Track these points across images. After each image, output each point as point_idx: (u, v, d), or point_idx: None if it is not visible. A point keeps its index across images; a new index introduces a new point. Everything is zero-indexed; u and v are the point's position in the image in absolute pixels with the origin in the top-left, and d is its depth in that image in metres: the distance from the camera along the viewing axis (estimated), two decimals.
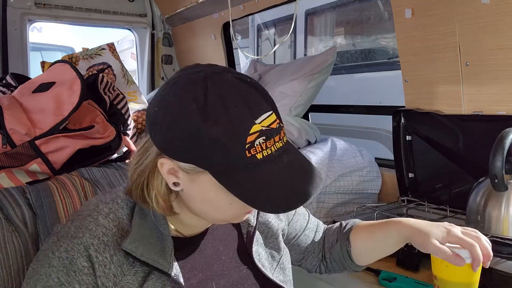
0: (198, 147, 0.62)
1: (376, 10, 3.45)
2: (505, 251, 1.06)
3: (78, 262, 0.66)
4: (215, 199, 0.67)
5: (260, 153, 0.63)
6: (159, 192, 0.70)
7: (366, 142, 3.12)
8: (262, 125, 0.63)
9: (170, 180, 0.68)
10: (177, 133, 0.63)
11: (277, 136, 0.65)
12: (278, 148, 0.65)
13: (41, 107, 1.12)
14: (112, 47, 1.85)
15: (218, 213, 0.70)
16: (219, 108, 0.61)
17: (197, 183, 0.67)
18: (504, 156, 1.03)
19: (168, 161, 0.66)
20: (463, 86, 1.39)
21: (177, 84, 0.66)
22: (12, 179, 1.04)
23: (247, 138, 0.61)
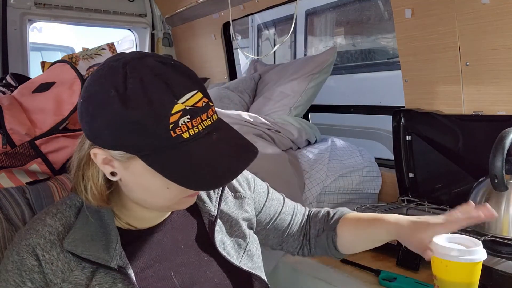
0: (122, 133, 0.62)
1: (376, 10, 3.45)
2: (505, 251, 1.06)
3: (27, 262, 0.68)
4: (151, 184, 0.67)
5: (186, 132, 0.63)
6: (95, 183, 0.70)
7: (366, 142, 3.12)
8: (186, 105, 0.63)
9: (107, 170, 0.68)
10: (101, 122, 0.63)
11: (204, 115, 0.65)
12: (206, 126, 0.65)
13: (41, 107, 1.12)
14: (112, 47, 1.85)
15: (158, 199, 0.70)
16: (138, 92, 0.62)
17: (130, 170, 0.67)
18: (504, 156, 1.03)
19: (99, 150, 0.67)
20: (463, 86, 1.39)
21: (98, 73, 0.66)
22: (12, 179, 1.04)
23: (170, 118, 0.61)
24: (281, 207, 0.98)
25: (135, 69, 0.64)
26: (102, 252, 0.70)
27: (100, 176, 0.70)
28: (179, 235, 0.80)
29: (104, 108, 0.63)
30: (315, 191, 1.56)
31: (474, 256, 0.80)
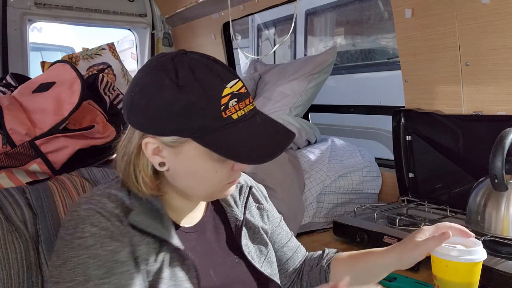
0: (178, 116, 0.67)
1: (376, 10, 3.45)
2: (505, 251, 1.06)
3: (109, 225, 0.68)
4: (200, 168, 0.71)
5: (235, 114, 0.69)
6: (146, 174, 0.73)
7: (366, 142, 3.12)
8: (233, 89, 0.69)
9: (156, 160, 0.72)
10: (156, 109, 0.68)
11: (247, 100, 0.71)
12: (250, 110, 0.72)
13: (41, 107, 1.12)
14: (112, 47, 1.85)
15: (205, 184, 0.74)
16: (190, 78, 0.67)
17: (181, 156, 0.71)
18: (504, 156, 1.03)
19: (151, 139, 0.70)
20: (463, 86, 1.39)
21: (147, 69, 0.72)
22: (12, 179, 1.04)
23: (221, 100, 0.67)
24: (287, 240, 0.99)
25: (183, 61, 0.70)
26: (165, 230, 0.72)
27: (149, 167, 0.74)
28: (212, 237, 0.83)
29: (159, 96, 0.68)
30: (315, 191, 1.56)
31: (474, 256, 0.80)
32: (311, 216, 1.55)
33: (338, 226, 1.44)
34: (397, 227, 1.28)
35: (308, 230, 1.57)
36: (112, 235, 0.68)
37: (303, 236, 1.54)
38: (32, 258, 0.93)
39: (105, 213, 0.69)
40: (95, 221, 0.68)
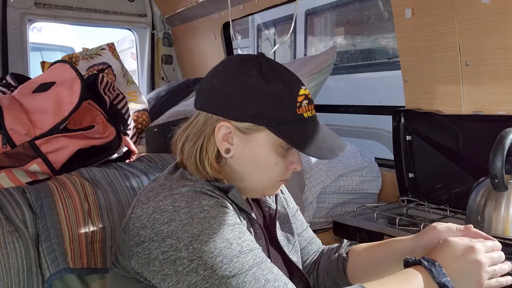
0: (261, 103, 0.73)
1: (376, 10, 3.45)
2: (505, 251, 1.06)
3: (218, 200, 0.72)
4: (264, 158, 0.77)
5: (306, 113, 0.76)
6: (212, 157, 0.77)
7: (366, 142, 3.12)
8: (305, 92, 0.78)
9: (223, 146, 0.76)
10: (240, 96, 0.74)
11: (312, 105, 0.79)
12: (314, 115, 0.79)
13: (41, 107, 1.12)
14: (112, 47, 1.85)
15: (264, 175, 0.79)
16: (273, 74, 0.75)
17: (250, 144, 0.76)
18: (504, 156, 1.03)
19: (227, 123, 0.75)
20: (463, 86, 1.39)
21: (232, 62, 0.79)
22: (12, 179, 1.04)
23: (298, 98, 0.75)
24: (302, 230, 1.01)
25: (265, 60, 0.77)
26: (246, 203, 0.79)
27: (215, 151, 0.77)
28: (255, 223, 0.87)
29: (245, 84, 0.74)
30: (315, 191, 1.56)
31: None
32: (311, 216, 1.55)
33: (338, 226, 1.44)
34: (397, 227, 1.28)
35: None
36: (224, 204, 0.72)
37: None
38: (32, 258, 0.93)
39: (208, 191, 0.72)
40: (206, 197, 0.71)
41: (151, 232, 0.68)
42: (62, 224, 0.97)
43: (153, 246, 0.67)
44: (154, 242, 0.68)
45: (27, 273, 0.92)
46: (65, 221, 0.98)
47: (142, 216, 0.71)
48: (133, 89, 1.80)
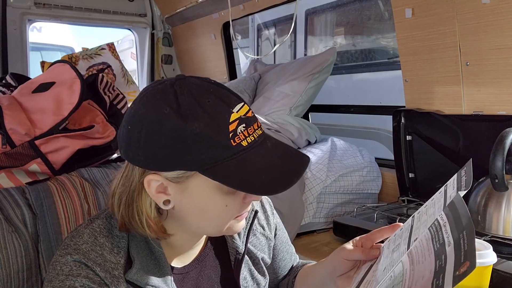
0: (183, 148, 0.60)
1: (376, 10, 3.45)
2: (505, 251, 1.06)
3: (101, 282, 0.65)
4: (209, 204, 0.66)
5: (245, 140, 0.63)
6: (149, 216, 0.67)
7: (366, 142, 3.12)
8: (239, 114, 0.63)
9: (160, 199, 0.66)
10: (158, 142, 0.61)
11: (255, 124, 0.65)
12: (260, 135, 0.66)
13: (41, 107, 1.12)
14: (112, 47, 1.85)
15: (214, 220, 0.68)
16: (193, 105, 0.61)
17: (188, 191, 0.65)
18: (505, 156, 1.03)
19: (154, 176, 0.64)
20: (463, 86, 1.39)
21: (144, 98, 0.65)
22: (12, 179, 1.04)
23: (229, 126, 0.61)
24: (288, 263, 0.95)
25: (183, 87, 0.63)
26: (163, 283, 0.69)
27: (153, 207, 0.68)
28: (213, 273, 0.79)
29: (160, 127, 0.61)
30: (315, 191, 1.56)
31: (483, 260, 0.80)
32: (311, 216, 1.55)
33: (338, 226, 1.44)
34: None
35: (308, 230, 1.57)
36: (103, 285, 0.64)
37: (303, 236, 1.54)
38: (32, 258, 0.93)
39: (105, 275, 0.65)
40: (91, 274, 0.64)
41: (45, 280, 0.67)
42: (62, 224, 0.97)
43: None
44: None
45: (26, 273, 0.92)
46: (65, 221, 0.98)
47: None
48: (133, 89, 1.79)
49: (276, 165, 0.65)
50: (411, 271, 0.55)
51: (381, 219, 1.41)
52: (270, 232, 0.89)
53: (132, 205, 0.67)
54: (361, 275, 0.68)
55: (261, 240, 0.86)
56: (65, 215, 0.98)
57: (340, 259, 0.74)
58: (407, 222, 0.65)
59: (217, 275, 0.79)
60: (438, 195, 0.61)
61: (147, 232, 0.67)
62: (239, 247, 0.80)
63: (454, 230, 0.52)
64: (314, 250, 1.40)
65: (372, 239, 0.74)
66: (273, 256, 0.90)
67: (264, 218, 0.88)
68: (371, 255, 0.70)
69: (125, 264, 0.67)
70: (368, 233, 0.75)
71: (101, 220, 0.70)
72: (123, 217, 0.68)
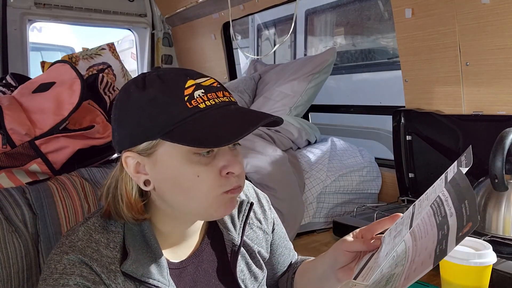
0: (143, 115, 0.64)
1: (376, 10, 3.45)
2: (505, 251, 1.06)
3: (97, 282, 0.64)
4: (180, 174, 0.65)
5: (203, 103, 0.64)
6: (130, 197, 0.69)
7: (366, 142, 3.12)
8: (197, 82, 0.66)
9: (140, 179, 0.68)
10: (126, 118, 0.66)
11: (220, 92, 0.67)
12: (223, 101, 0.66)
13: (41, 107, 1.12)
14: (112, 47, 1.85)
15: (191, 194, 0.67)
16: (155, 79, 0.66)
17: (159, 163, 0.66)
18: (504, 156, 1.03)
19: (129, 153, 0.67)
20: (463, 86, 1.39)
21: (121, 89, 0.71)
22: (12, 179, 1.04)
23: (184, 91, 0.64)
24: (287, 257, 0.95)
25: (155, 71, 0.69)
26: (159, 275, 0.69)
27: (134, 190, 0.70)
28: (209, 268, 0.79)
29: (126, 104, 0.66)
30: (315, 191, 1.56)
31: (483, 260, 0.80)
32: (311, 216, 1.55)
33: (338, 226, 1.44)
34: None
35: (308, 230, 1.57)
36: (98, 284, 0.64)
37: (303, 236, 1.54)
38: (32, 258, 0.93)
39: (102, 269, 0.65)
40: (86, 271, 0.64)
41: None
42: (62, 224, 0.97)
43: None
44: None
45: (27, 273, 0.92)
46: (65, 221, 0.98)
47: None
48: None
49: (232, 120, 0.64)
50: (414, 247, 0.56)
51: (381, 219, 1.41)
52: (267, 226, 0.89)
53: (116, 190, 0.70)
54: (362, 264, 0.68)
55: (258, 233, 0.86)
56: (65, 215, 0.98)
57: (341, 251, 0.74)
58: (408, 210, 0.66)
59: (214, 269, 0.79)
60: (438, 181, 0.62)
61: (124, 212, 0.69)
62: (235, 239, 0.79)
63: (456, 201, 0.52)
64: (314, 250, 1.40)
65: (373, 231, 0.74)
66: (271, 251, 0.90)
67: (261, 213, 0.88)
68: (372, 246, 0.70)
69: (121, 258, 0.68)
70: (368, 225, 0.75)
71: (96, 218, 0.71)
72: (109, 205, 0.70)
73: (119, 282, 0.66)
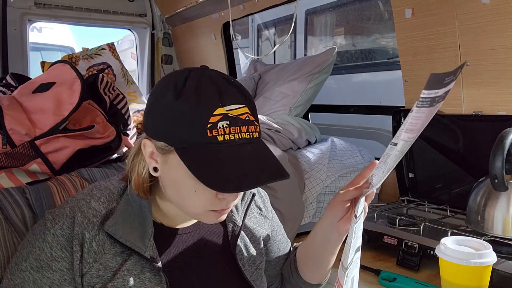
0: (167, 122, 0.68)
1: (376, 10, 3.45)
2: (505, 251, 1.06)
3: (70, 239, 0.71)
4: (181, 183, 0.71)
5: (222, 136, 0.66)
6: (139, 174, 0.76)
7: (366, 142, 3.12)
8: (228, 111, 0.67)
9: (151, 164, 0.74)
10: (156, 112, 0.71)
11: (245, 127, 0.68)
12: (244, 138, 0.68)
13: (41, 107, 1.12)
14: (112, 47, 1.85)
15: (186, 200, 0.72)
16: (192, 89, 0.68)
17: (168, 164, 0.71)
18: (504, 156, 1.03)
19: (148, 141, 0.72)
20: (463, 86, 1.39)
21: (165, 76, 0.75)
22: (12, 179, 1.04)
23: (210, 117, 0.66)
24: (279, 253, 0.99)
25: (197, 74, 0.70)
26: (138, 240, 0.73)
27: (145, 170, 0.76)
28: (205, 241, 0.83)
29: (161, 99, 0.70)
30: (315, 191, 1.56)
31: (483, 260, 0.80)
32: (311, 216, 1.55)
33: None
34: (397, 227, 1.28)
35: (308, 230, 1.56)
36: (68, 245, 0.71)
37: (303, 236, 1.54)
38: None
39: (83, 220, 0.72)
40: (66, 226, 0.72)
41: None
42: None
43: None
44: None
45: None
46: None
47: None
48: (133, 89, 1.79)
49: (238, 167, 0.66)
50: None
51: (381, 219, 1.41)
52: (267, 212, 0.95)
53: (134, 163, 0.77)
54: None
55: (259, 219, 0.92)
56: None
57: (337, 203, 0.79)
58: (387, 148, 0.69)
59: (213, 242, 0.84)
60: None
61: (135, 190, 0.76)
62: (237, 220, 0.85)
63: None
64: None
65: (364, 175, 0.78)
66: (272, 238, 0.96)
67: (261, 202, 0.95)
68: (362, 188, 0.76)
69: (105, 214, 0.74)
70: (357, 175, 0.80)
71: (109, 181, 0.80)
72: (128, 171, 0.78)
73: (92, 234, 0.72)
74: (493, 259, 0.83)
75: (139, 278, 0.72)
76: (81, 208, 0.74)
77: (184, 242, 0.81)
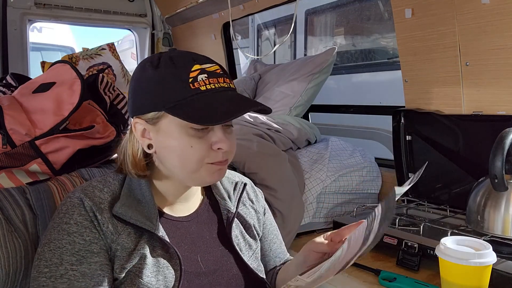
0: (152, 91, 0.76)
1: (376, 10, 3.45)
2: (505, 251, 1.06)
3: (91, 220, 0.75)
4: (177, 143, 0.76)
5: (204, 86, 0.75)
6: (135, 156, 0.81)
7: (366, 142, 3.12)
8: (203, 67, 0.76)
9: (145, 143, 0.80)
10: (138, 90, 0.79)
11: (221, 79, 0.77)
12: (222, 86, 0.77)
13: (41, 107, 1.12)
14: (112, 47, 1.85)
15: (184, 159, 0.77)
16: (167, 60, 0.77)
17: (161, 132, 0.77)
18: (504, 156, 1.03)
19: (138, 119, 0.79)
20: (463, 86, 1.39)
21: (140, 63, 0.82)
22: (12, 179, 1.04)
23: (190, 73, 0.75)
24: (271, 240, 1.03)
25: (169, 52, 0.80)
26: (147, 220, 0.78)
27: (140, 150, 0.82)
28: (204, 227, 0.88)
29: (141, 78, 0.78)
30: (315, 191, 1.56)
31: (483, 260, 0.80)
32: (311, 216, 1.55)
33: (338, 226, 1.44)
34: (397, 227, 1.28)
35: (308, 230, 1.57)
36: (93, 225, 0.75)
37: (303, 236, 1.54)
38: (31, 258, 0.93)
39: (93, 205, 0.76)
40: (83, 211, 0.75)
41: None
42: None
43: None
44: None
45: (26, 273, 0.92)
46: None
47: None
48: None
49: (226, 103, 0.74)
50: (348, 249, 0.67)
51: None
52: (259, 207, 1.00)
53: (125, 150, 0.83)
54: None
55: (251, 210, 0.97)
56: None
57: (309, 250, 0.85)
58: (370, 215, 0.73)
59: (211, 230, 0.89)
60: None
61: (130, 168, 0.81)
62: (230, 208, 0.91)
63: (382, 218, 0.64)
64: None
65: (342, 235, 0.82)
66: (263, 235, 1.00)
67: (254, 196, 1.00)
68: (335, 249, 0.79)
69: (111, 201, 0.79)
70: (339, 229, 0.84)
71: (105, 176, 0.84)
72: (121, 162, 0.84)
73: (105, 216, 0.76)
74: (493, 259, 0.83)
75: (153, 256, 0.77)
76: (88, 195, 0.77)
77: (185, 228, 0.85)
